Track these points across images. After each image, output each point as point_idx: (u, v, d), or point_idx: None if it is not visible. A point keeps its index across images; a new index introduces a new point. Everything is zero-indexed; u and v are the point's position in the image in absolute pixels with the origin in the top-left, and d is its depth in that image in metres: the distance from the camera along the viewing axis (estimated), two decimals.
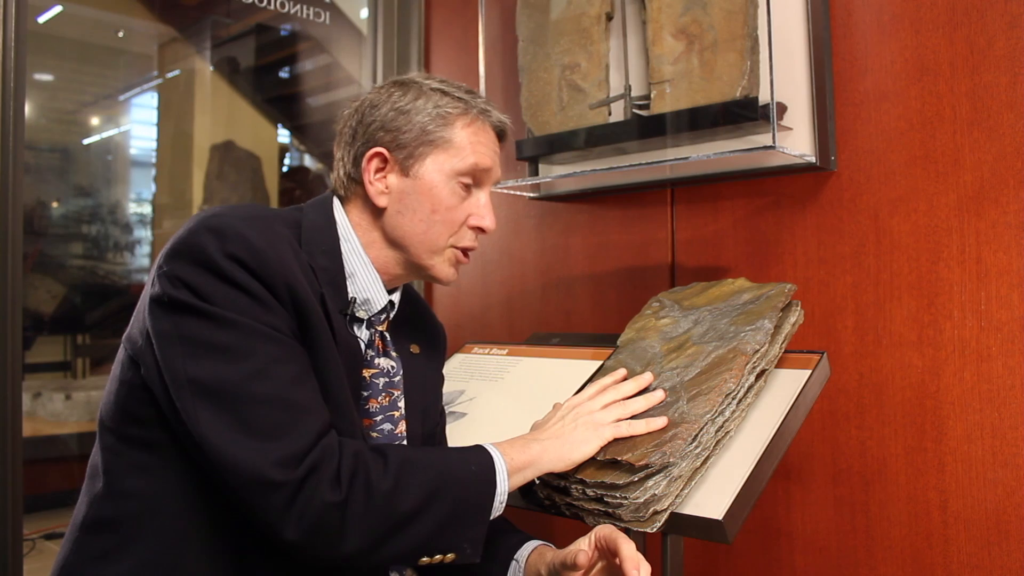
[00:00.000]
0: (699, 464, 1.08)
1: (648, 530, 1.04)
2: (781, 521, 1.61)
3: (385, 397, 1.17)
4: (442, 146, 1.14)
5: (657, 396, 1.16)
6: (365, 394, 1.15)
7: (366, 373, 1.16)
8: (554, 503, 1.16)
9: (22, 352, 1.59)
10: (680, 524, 1.05)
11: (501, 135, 1.22)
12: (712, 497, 1.06)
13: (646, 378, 1.21)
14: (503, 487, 1.03)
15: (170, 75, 2.42)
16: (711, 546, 1.70)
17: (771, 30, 1.41)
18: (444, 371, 1.76)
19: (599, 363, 1.44)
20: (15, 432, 1.56)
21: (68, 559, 1.03)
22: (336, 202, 1.19)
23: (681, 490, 1.06)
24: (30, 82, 1.92)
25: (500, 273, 2.16)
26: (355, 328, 1.15)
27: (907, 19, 1.46)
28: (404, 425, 1.20)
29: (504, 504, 1.05)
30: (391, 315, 1.22)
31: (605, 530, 1.04)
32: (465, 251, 1.19)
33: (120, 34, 2.33)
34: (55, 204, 2.14)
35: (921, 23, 1.45)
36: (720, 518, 1.02)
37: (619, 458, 1.07)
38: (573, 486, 1.11)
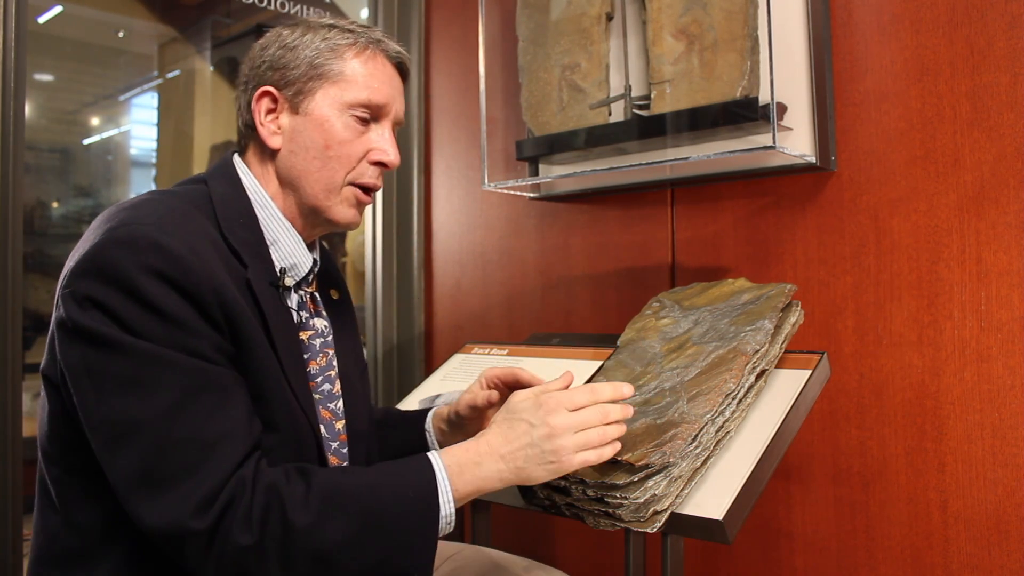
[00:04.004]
0: (699, 464, 1.08)
1: (648, 530, 1.04)
2: (781, 521, 1.61)
3: (322, 357, 1.14)
4: (331, 78, 1.08)
5: (628, 411, 1.04)
6: (305, 356, 1.11)
7: (303, 336, 1.11)
8: (554, 503, 1.16)
9: (22, 352, 1.59)
10: (680, 524, 1.05)
11: (400, 68, 1.15)
12: (712, 497, 1.06)
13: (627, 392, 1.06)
14: (447, 509, 0.95)
15: (170, 75, 2.42)
16: (711, 546, 1.70)
17: (771, 30, 1.41)
18: (444, 371, 1.77)
19: (599, 363, 1.44)
20: (15, 432, 1.56)
21: None
22: (239, 163, 1.12)
23: (681, 490, 1.06)
24: (30, 82, 1.92)
25: (500, 273, 2.16)
26: (285, 296, 1.10)
27: (907, 19, 1.46)
28: (339, 383, 1.16)
29: (453, 524, 0.97)
30: (316, 272, 1.17)
31: (496, 370, 1.14)
32: (366, 189, 1.12)
33: (120, 34, 2.33)
34: (55, 204, 2.14)
35: (921, 23, 1.45)
36: (720, 518, 1.02)
37: (619, 458, 1.07)
38: (573, 486, 1.11)
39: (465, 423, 1.25)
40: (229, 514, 0.86)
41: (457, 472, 0.97)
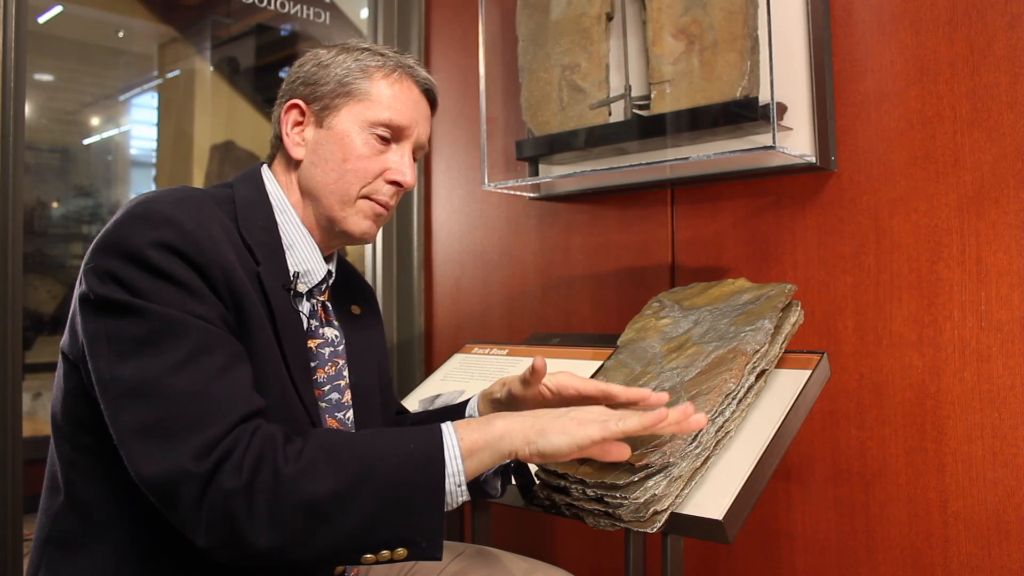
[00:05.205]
0: (699, 464, 1.08)
1: (648, 530, 1.04)
2: (781, 521, 1.61)
3: (331, 367, 1.15)
4: (357, 97, 1.12)
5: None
6: (313, 364, 1.12)
7: (311, 344, 1.13)
8: (554, 503, 1.16)
9: (22, 352, 1.59)
10: (680, 524, 1.05)
11: (428, 94, 1.18)
12: (712, 497, 1.06)
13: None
14: (455, 467, 0.90)
15: (170, 75, 2.42)
16: (711, 546, 1.70)
17: (771, 30, 1.41)
18: (444, 371, 1.76)
19: (599, 363, 1.44)
20: (15, 432, 1.56)
21: None
22: (266, 171, 1.16)
23: (681, 490, 1.06)
24: (30, 82, 1.92)
25: (500, 273, 2.16)
26: (296, 301, 1.11)
27: (907, 19, 1.46)
28: (349, 394, 1.17)
29: (463, 488, 0.92)
30: (329, 283, 1.19)
31: (560, 377, 1.11)
32: (382, 205, 1.15)
33: (120, 34, 2.33)
34: (55, 204, 2.14)
35: (921, 23, 1.45)
36: (720, 518, 1.02)
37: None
38: (573, 486, 1.11)
39: (516, 402, 1.19)
40: (225, 463, 0.86)
41: (464, 424, 0.94)
